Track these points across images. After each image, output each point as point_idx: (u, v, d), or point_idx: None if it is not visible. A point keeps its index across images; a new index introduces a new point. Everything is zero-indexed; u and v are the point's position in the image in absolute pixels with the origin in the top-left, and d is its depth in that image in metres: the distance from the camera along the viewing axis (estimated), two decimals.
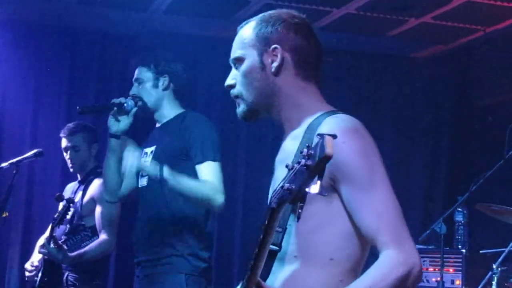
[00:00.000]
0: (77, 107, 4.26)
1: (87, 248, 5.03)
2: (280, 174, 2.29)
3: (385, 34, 7.01)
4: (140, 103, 4.24)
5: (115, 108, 4.21)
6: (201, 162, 4.07)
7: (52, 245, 4.79)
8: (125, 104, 4.21)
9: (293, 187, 1.88)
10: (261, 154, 7.28)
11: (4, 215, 5.15)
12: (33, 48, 6.86)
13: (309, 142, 2.14)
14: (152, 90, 4.27)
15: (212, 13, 6.64)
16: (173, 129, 4.22)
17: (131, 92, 4.31)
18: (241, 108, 2.48)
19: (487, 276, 5.24)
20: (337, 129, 2.18)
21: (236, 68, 2.49)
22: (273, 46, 2.39)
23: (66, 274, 5.12)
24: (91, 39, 6.99)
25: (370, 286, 2.12)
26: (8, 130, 6.73)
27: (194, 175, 4.06)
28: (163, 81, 4.29)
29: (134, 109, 4.23)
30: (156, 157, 4.20)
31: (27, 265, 5.28)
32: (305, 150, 1.85)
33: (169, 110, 4.29)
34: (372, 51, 7.56)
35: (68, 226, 5.13)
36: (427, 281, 5.83)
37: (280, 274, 2.29)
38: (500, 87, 7.21)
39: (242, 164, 7.33)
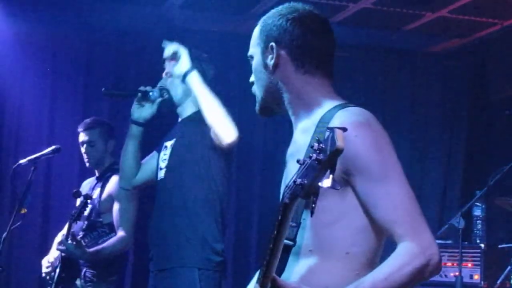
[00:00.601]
0: (103, 89, 4.29)
1: (105, 244, 5.04)
2: (292, 168, 2.29)
3: (401, 28, 6.98)
4: (166, 95, 4.25)
5: (140, 95, 4.25)
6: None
7: (70, 242, 4.81)
8: (150, 93, 4.24)
9: (305, 181, 1.87)
10: (278, 148, 7.28)
11: (22, 212, 5.17)
12: (49, 45, 6.88)
13: (320, 135, 2.14)
14: (180, 86, 4.27)
15: (228, 8, 6.63)
16: (192, 127, 4.22)
17: (160, 83, 4.32)
18: (256, 106, 2.55)
19: (506, 271, 5.24)
20: (348, 122, 2.17)
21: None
22: (270, 44, 2.43)
23: (83, 270, 5.13)
24: (107, 35, 6.99)
25: (386, 277, 2.12)
26: (26, 127, 6.76)
27: (211, 166, 4.08)
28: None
29: (159, 99, 4.26)
30: (174, 151, 4.21)
31: (44, 261, 5.30)
32: (316, 144, 1.84)
33: (192, 106, 4.29)
34: (389, 46, 7.53)
35: (85, 222, 5.15)
36: (445, 276, 5.81)
37: (295, 268, 2.29)
38: None
39: (259, 156, 7.33)
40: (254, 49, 2.51)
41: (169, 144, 4.29)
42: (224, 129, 3.97)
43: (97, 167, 5.39)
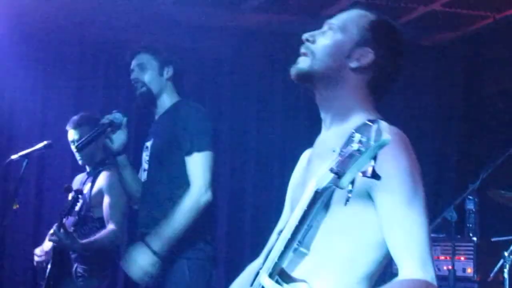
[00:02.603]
0: (76, 146, 4.29)
1: (96, 236, 5.03)
2: (315, 167, 2.22)
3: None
4: (144, 88, 4.24)
5: (109, 129, 4.23)
6: (189, 153, 4.08)
7: (61, 232, 4.81)
8: (114, 120, 4.21)
9: (343, 171, 1.85)
10: (271, 146, 7.31)
11: (14, 207, 5.17)
12: (41, 40, 6.87)
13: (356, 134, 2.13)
14: (158, 77, 4.27)
15: (221, 3, 6.62)
16: (167, 121, 4.24)
17: (133, 76, 4.32)
18: (302, 64, 2.43)
19: (499, 264, 5.23)
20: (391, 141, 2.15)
21: (327, 30, 2.44)
22: (369, 50, 2.38)
23: (75, 266, 5.13)
24: (99, 31, 6.98)
25: None
26: (18, 122, 6.75)
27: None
28: (168, 71, 4.29)
29: (125, 119, 4.25)
30: (152, 150, 4.26)
31: (37, 250, 5.29)
32: (357, 135, 1.82)
33: (167, 100, 4.30)
34: None
35: (76, 217, 5.14)
36: (438, 269, 5.80)
37: (299, 268, 2.26)
38: (510, 74, 7.17)
39: (252, 154, 7.34)
40: (348, 30, 2.41)
41: (148, 144, 4.33)
42: (199, 209, 4.01)
43: (89, 164, 5.37)
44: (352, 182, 1.87)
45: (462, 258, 5.74)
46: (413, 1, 6.46)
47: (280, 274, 2.14)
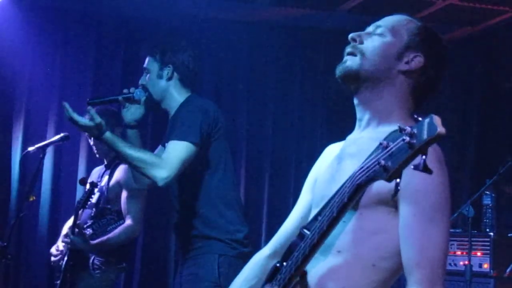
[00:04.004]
0: (87, 99, 4.27)
1: (110, 234, 5.05)
2: (349, 167, 2.18)
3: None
4: (147, 93, 4.23)
5: (122, 98, 4.22)
6: (167, 141, 4.06)
7: (75, 234, 4.84)
8: (133, 94, 4.19)
9: (391, 164, 1.81)
10: (288, 142, 7.30)
11: (31, 199, 5.19)
12: (59, 32, 6.89)
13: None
14: (156, 81, 4.25)
15: None
16: (173, 119, 4.22)
17: (140, 82, 4.30)
18: (350, 63, 2.39)
19: None
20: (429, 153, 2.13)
21: (374, 31, 2.45)
22: (419, 54, 2.39)
23: (92, 258, 5.14)
24: (116, 22, 7.00)
25: None
26: (35, 114, 6.76)
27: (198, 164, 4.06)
28: (167, 72, 4.24)
29: (144, 98, 4.23)
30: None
31: (53, 250, 5.31)
32: (406, 128, 1.79)
33: (175, 100, 4.27)
34: None
35: (94, 209, 5.15)
36: (455, 264, 5.80)
37: (318, 265, 2.27)
38: None
39: (268, 149, 7.33)
40: (398, 34, 2.42)
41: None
42: (150, 176, 3.94)
43: (106, 156, 5.38)
44: (400, 176, 1.82)
45: (479, 254, 5.72)
46: None
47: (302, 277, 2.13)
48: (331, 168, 2.43)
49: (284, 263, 2.22)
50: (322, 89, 7.37)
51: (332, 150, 2.57)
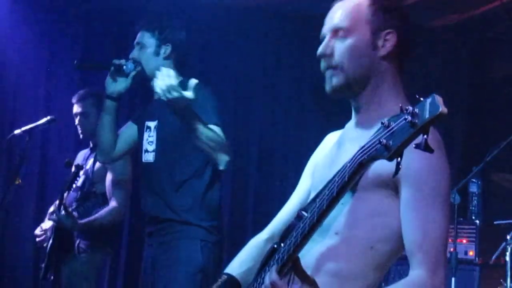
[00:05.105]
0: (75, 61, 4.22)
1: (97, 215, 5.04)
2: (350, 150, 2.12)
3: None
4: (139, 68, 4.17)
5: (113, 68, 4.17)
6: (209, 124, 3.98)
7: (61, 212, 4.81)
8: (124, 66, 4.14)
9: (392, 143, 1.81)
10: (277, 132, 7.29)
11: (17, 182, 5.18)
12: (47, 14, 6.84)
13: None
14: (153, 57, 4.21)
15: None
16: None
17: (131, 55, 4.25)
18: (336, 80, 2.37)
19: (501, 247, 5.24)
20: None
21: (339, 38, 2.39)
22: (387, 31, 2.35)
23: (77, 241, 5.14)
24: (105, 4, 6.94)
25: None
26: (22, 97, 6.73)
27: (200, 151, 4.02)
28: (165, 49, 4.22)
29: (133, 72, 4.18)
30: (160, 133, 4.19)
31: (37, 231, 5.31)
32: (408, 108, 1.78)
33: None
34: None
35: (79, 192, 5.15)
36: None
37: (315, 247, 2.27)
38: None
39: (255, 138, 7.32)
40: (357, 25, 2.36)
41: (152, 125, 4.24)
42: (218, 158, 3.92)
43: (91, 138, 5.37)
44: (401, 155, 1.82)
45: (464, 241, 5.74)
46: None
47: (293, 265, 2.12)
48: (331, 153, 2.44)
49: (282, 244, 2.21)
50: (310, 76, 7.34)
51: (332, 138, 2.58)
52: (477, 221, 5.77)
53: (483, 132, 7.30)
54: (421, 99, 1.80)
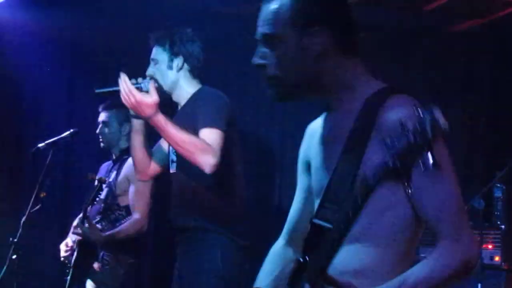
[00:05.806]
0: (95, 90, 4.26)
1: (118, 228, 5.07)
2: (330, 151, 2.23)
3: (421, 8, 6.92)
4: (156, 85, 4.18)
5: None
6: (201, 128, 4.02)
7: (85, 225, 4.84)
8: (141, 85, 4.13)
9: (400, 165, 1.88)
10: (298, 131, 7.25)
11: (41, 195, 5.20)
12: (68, 27, 6.87)
13: (368, 117, 2.15)
14: (166, 72, 4.25)
15: None
16: (187, 110, 4.22)
17: (147, 73, 4.28)
18: (276, 91, 2.33)
19: None
20: (409, 114, 2.05)
21: (267, 46, 2.31)
22: (314, 27, 2.25)
23: (101, 253, 5.15)
24: (125, 18, 6.96)
25: (427, 278, 2.13)
26: (45, 110, 6.76)
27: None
28: (177, 62, 4.25)
29: (151, 87, 4.18)
30: None
31: (62, 246, 5.33)
32: (409, 124, 1.81)
33: (185, 91, 4.27)
34: (409, 26, 7.46)
35: (102, 205, 5.17)
36: None
37: (338, 253, 2.26)
38: None
39: (277, 139, 7.31)
40: (283, 29, 2.26)
41: None
42: (199, 161, 3.92)
43: (111, 149, 5.40)
44: (409, 174, 1.91)
45: (490, 246, 5.71)
46: None
47: (325, 279, 2.15)
48: (322, 153, 2.38)
49: (307, 257, 2.24)
50: None
51: (314, 129, 2.48)
52: (503, 226, 5.74)
53: (506, 136, 7.25)
54: (420, 111, 1.83)
